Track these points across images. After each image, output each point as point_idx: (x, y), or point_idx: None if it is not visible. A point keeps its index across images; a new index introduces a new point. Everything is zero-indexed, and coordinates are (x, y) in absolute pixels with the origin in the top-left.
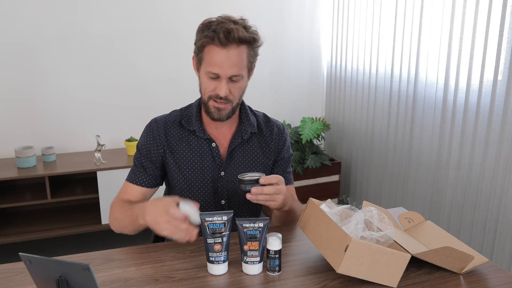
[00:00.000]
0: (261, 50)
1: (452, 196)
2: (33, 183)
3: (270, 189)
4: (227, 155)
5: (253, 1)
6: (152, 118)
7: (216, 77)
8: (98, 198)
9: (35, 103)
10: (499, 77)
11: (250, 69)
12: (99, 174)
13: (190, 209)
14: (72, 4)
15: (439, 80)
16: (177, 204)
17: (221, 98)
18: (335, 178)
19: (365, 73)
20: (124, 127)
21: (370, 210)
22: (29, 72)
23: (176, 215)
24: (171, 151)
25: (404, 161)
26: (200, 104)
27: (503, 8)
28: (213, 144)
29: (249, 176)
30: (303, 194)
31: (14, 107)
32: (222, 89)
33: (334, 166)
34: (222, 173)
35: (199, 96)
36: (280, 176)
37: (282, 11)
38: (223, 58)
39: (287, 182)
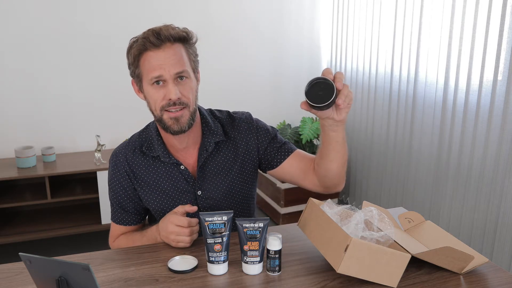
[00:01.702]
0: (261, 50)
1: (452, 196)
2: (33, 183)
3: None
4: (198, 173)
5: (253, 1)
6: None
7: (161, 81)
8: (98, 198)
9: (35, 103)
10: (499, 77)
11: (194, 69)
12: (99, 174)
13: None
14: (72, 4)
15: (439, 80)
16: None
17: (174, 104)
18: None
19: (365, 73)
20: (124, 127)
21: (370, 210)
22: (29, 72)
23: (182, 222)
24: (139, 183)
25: (404, 161)
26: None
27: (503, 8)
28: (182, 167)
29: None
30: (303, 194)
31: (14, 107)
32: (172, 91)
33: None
34: (199, 192)
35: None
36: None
37: (282, 11)
38: (162, 58)
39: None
